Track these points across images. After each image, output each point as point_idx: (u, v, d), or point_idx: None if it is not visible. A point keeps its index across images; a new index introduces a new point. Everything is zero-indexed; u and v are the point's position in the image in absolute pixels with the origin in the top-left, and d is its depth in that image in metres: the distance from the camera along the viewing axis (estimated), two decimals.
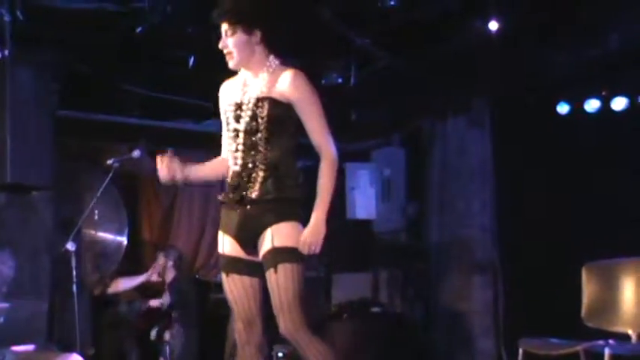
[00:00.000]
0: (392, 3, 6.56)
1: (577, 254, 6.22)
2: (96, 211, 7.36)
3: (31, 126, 6.54)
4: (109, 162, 7.03)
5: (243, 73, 4.42)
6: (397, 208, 8.88)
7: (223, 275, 4.39)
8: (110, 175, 6.99)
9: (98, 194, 6.99)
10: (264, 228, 4.22)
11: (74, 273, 6.81)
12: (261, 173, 4.25)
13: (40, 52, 6.72)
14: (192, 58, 7.26)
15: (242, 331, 4.38)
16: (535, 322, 6.99)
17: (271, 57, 4.37)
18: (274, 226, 4.20)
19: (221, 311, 8.68)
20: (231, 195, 4.33)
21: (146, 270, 8.32)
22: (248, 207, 4.27)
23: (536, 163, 7.69)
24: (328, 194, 4.24)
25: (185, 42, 7.05)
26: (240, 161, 4.31)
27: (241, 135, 4.30)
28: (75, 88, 7.65)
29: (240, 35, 4.28)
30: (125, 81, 8.03)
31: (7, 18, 6.09)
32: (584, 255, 6.02)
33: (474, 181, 8.37)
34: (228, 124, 4.42)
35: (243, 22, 4.27)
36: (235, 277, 4.36)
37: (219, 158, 4.57)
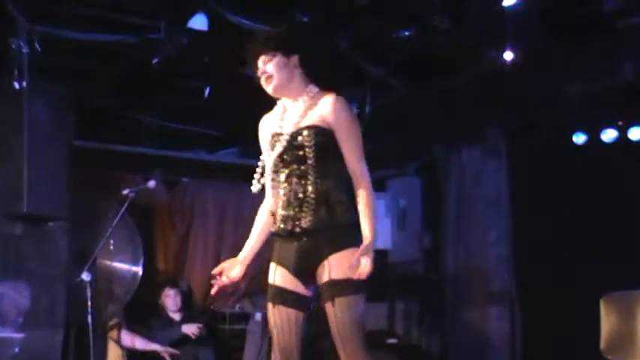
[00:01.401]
0: (407, 33, 6.57)
1: (595, 285, 6.18)
2: (111, 241, 7.36)
3: (47, 156, 6.55)
4: (125, 192, 7.04)
5: (281, 103, 4.39)
6: (413, 238, 8.85)
7: (269, 305, 4.33)
8: (125, 205, 7.00)
9: (114, 224, 6.99)
10: (322, 260, 4.16)
11: (89, 303, 6.81)
12: (312, 202, 4.18)
13: (56, 83, 6.75)
14: (207, 89, 7.28)
15: None
16: (553, 353, 6.94)
17: (310, 85, 4.35)
18: (331, 257, 4.13)
19: (236, 342, 8.66)
20: (282, 226, 4.26)
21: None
22: (304, 239, 4.21)
23: (552, 194, 7.66)
24: (373, 216, 4.17)
25: (200, 73, 7.07)
26: (289, 191, 4.24)
27: (290, 164, 4.25)
28: (91, 119, 7.67)
29: (280, 58, 4.25)
30: (140, 111, 8.06)
31: (24, 49, 6.12)
32: (603, 286, 5.97)
33: (490, 211, 8.35)
34: (272, 155, 4.35)
35: (281, 46, 4.27)
36: (281, 308, 4.30)
37: (265, 211, 4.47)
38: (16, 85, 6.23)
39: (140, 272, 7.96)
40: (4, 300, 7.01)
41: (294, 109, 4.30)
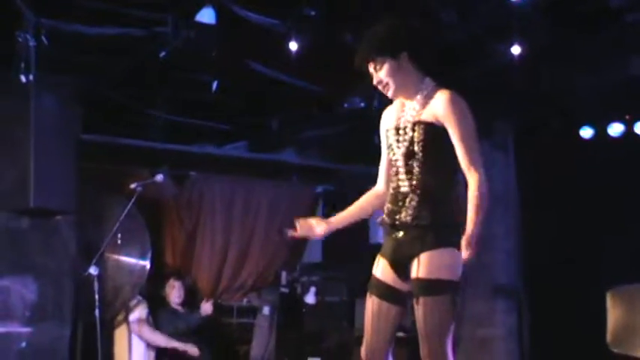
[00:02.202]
0: None
1: (603, 279, 6.17)
2: (119, 236, 7.36)
3: (55, 150, 6.54)
4: (132, 186, 7.06)
5: (399, 99, 4.38)
6: None
7: (368, 294, 4.35)
8: (133, 199, 7.01)
9: (121, 218, 7.01)
10: (414, 256, 4.15)
11: (97, 297, 6.82)
12: (416, 197, 4.17)
13: (63, 76, 6.75)
14: (215, 83, 7.28)
15: (364, 358, 4.35)
16: (560, 347, 6.93)
17: (427, 79, 4.30)
18: (423, 255, 4.11)
19: (243, 336, 8.66)
20: (386, 219, 4.28)
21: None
22: (401, 232, 4.22)
23: (560, 187, 7.65)
24: (478, 209, 4.11)
25: (208, 66, 7.07)
26: (397, 185, 4.26)
27: (400, 159, 4.25)
28: (98, 113, 7.68)
29: (390, 63, 4.23)
30: (148, 105, 8.06)
31: (31, 43, 6.13)
32: (610, 279, 5.97)
33: (498, 206, 8.32)
34: (387, 149, 4.37)
35: (386, 51, 4.23)
36: (376, 299, 4.30)
37: (371, 193, 4.53)
38: (23, 79, 6.23)
39: (148, 266, 7.96)
40: (11, 294, 7.03)
41: (410, 106, 4.29)
